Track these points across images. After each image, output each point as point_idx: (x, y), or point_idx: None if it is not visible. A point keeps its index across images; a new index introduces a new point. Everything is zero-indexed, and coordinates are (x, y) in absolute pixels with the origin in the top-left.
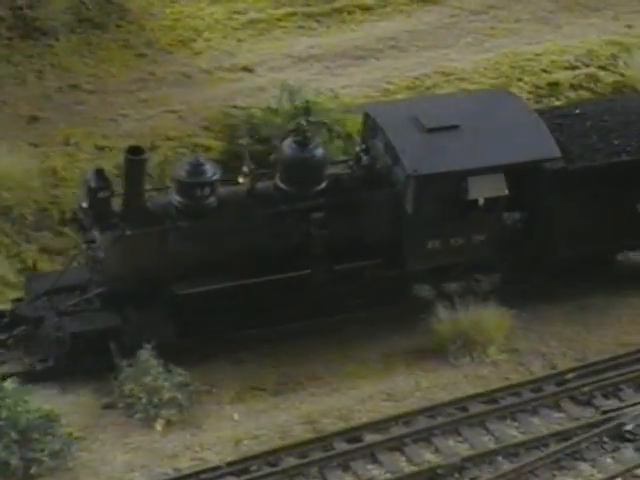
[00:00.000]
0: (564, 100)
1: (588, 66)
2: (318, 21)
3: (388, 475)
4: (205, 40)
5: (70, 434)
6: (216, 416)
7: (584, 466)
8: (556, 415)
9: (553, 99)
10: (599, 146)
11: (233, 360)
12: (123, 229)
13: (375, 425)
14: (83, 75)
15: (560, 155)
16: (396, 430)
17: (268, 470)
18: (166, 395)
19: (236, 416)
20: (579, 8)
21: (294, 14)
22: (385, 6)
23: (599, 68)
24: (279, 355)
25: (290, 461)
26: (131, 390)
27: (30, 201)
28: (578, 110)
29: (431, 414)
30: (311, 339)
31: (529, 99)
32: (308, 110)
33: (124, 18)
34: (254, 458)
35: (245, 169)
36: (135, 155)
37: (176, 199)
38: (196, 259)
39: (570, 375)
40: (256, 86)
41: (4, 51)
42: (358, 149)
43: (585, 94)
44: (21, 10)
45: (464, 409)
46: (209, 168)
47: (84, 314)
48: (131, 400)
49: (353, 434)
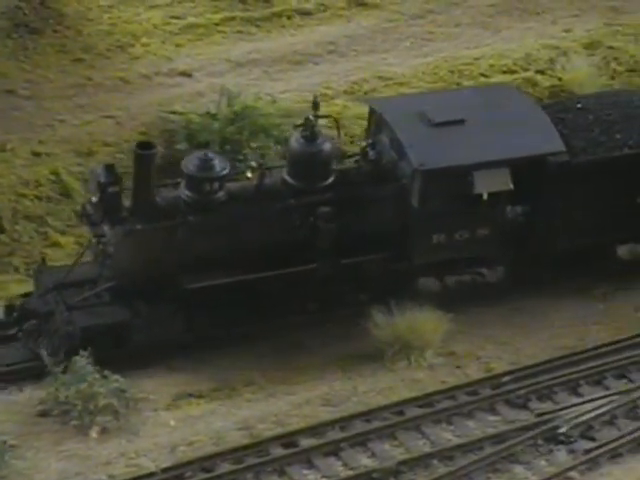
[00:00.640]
0: None
1: (526, 70)
2: (257, 26)
3: None
4: (143, 45)
5: (4, 442)
6: (152, 422)
7: (519, 469)
8: (491, 418)
9: None
10: (601, 139)
11: (169, 366)
12: (133, 223)
13: (311, 430)
14: (19, 80)
15: (564, 149)
16: (332, 435)
17: (203, 476)
18: (102, 402)
19: (172, 422)
20: (518, 12)
21: (233, 19)
22: (324, 11)
23: (537, 72)
24: (215, 361)
25: (225, 467)
26: (66, 397)
27: None
28: (580, 104)
29: (367, 418)
30: (247, 345)
31: None
32: (316, 105)
33: (61, 23)
34: (189, 464)
35: (253, 164)
36: (144, 150)
37: (185, 194)
38: (205, 253)
39: (506, 378)
40: (194, 91)
41: None
42: (365, 144)
43: None
44: None
45: (400, 413)
46: (218, 163)
47: (94, 308)
48: (66, 407)
49: (289, 439)
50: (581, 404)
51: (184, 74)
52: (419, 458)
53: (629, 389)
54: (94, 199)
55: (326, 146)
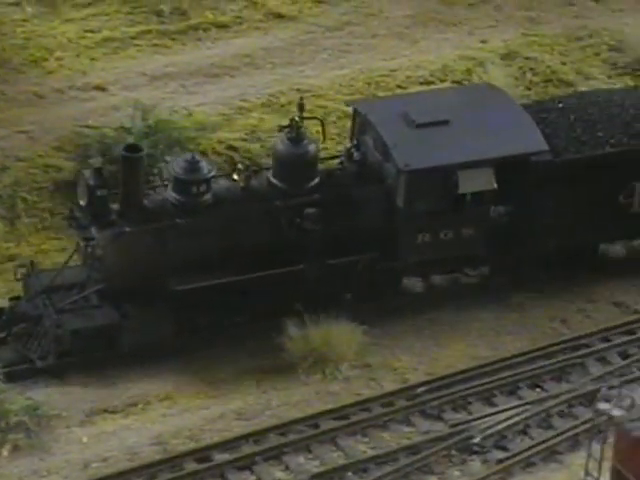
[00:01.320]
0: None
1: (443, 81)
2: (173, 39)
3: None
4: (57, 59)
5: None
6: (65, 440)
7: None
8: (406, 429)
9: None
10: (584, 138)
11: (82, 382)
12: (121, 226)
13: (225, 444)
14: None
15: (548, 148)
16: (246, 449)
17: None
18: (13, 419)
19: (85, 439)
20: (435, 23)
21: (149, 32)
22: (241, 23)
23: (454, 83)
24: (129, 376)
25: None
26: None
27: None
28: (561, 104)
29: (282, 432)
30: (160, 359)
31: None
32: (302, 107)
33: None
34: None
35: (239, 166)
36: (132, 153)
37: (172, 196)
38: (193, 255)
39: (420, 389)
40: (109, 105)
41: None
42: (349, 145)
43: None
44: None
45: (315, 426)
46: (204, 165)
47: (83, 311)
48: None
49: (203, 454)
50: (495, 414)
51: (98, 88)
52: (333, 470)
53: (542, 398)
54: (82, 202)
55: (312, 148)
